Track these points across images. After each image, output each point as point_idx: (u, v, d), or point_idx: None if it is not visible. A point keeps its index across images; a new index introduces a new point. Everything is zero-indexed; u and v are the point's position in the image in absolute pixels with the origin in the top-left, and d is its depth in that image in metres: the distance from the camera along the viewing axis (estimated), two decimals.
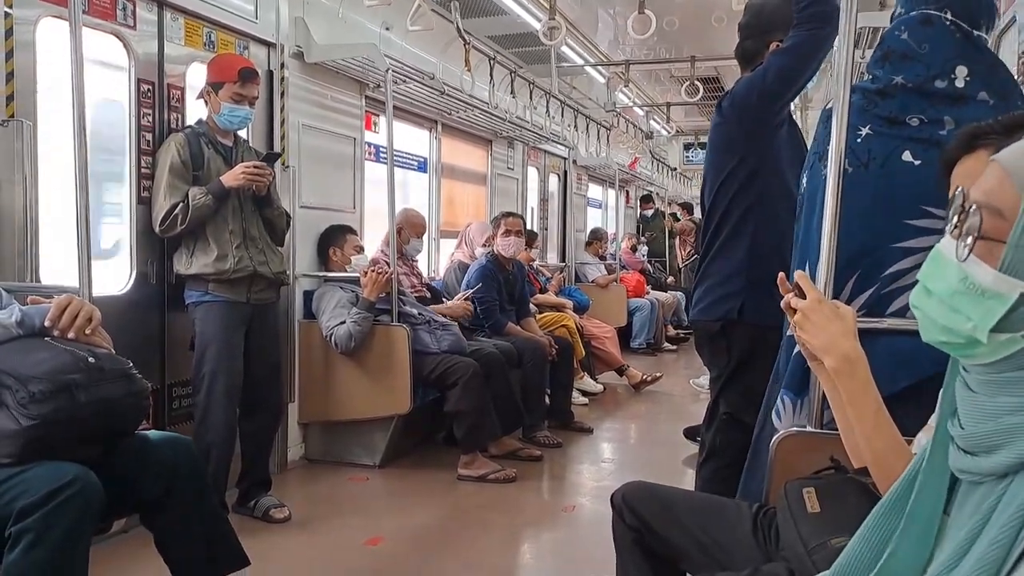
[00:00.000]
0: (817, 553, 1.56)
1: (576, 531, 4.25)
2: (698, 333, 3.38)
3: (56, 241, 3.50)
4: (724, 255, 3.15)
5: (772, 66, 3.01)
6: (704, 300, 3.20)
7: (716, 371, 3.28)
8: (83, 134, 2.91)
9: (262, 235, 4.12)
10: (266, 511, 4.12)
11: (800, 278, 1.70)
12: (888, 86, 2.09)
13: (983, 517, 1.01)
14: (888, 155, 2.05)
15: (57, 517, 2.05)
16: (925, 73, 2.06)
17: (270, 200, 4.13)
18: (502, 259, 6.22)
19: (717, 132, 3.25)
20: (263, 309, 4.18)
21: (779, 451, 2.08)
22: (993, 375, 1.05)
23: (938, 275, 1.10)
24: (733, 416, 3.11)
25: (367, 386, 4.70)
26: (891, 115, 2.07)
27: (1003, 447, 1.01)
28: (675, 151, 16.12)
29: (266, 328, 4.22)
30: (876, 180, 2.06)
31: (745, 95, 3.09)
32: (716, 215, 3.18)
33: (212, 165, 3.97)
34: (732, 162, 3.11)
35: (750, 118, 3.06)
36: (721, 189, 3.15)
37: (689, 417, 6.31)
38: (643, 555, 2.08)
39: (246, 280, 4.01)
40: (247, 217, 4.04)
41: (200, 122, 4.07)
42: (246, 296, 4.04)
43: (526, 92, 8.17)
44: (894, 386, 1.90)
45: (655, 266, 12.55)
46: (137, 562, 3.33)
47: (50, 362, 2.25)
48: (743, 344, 3.10)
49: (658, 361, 9.76)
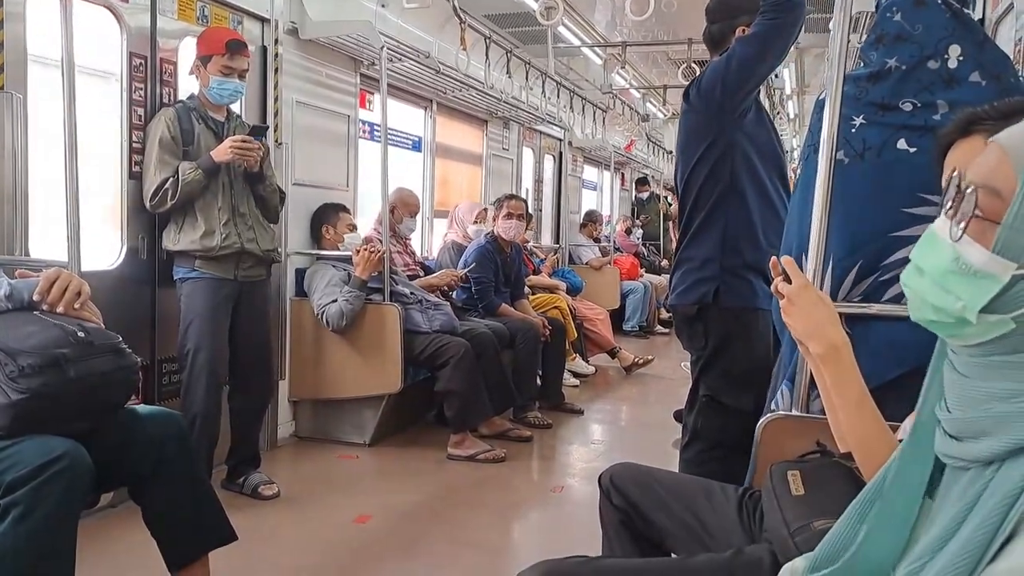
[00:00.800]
0: (800, 535, 1.57)
1: (564, 511, 4.27)
2: (676, 317, 3.44)
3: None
4: (699, 240, 3.20)
5: (735, 54, 3.03)
6: (681, 285, 3.25)
7: (695, 354, 3.32)
8: (73, 107, 2.89)
9: (252, 212, 4.09)
10: (255, 488, 4.12)
11: (787, 263, 1.69)
12: (881, 69, 2.09)
13: (969, 503, 1.01)
14: (883, 144, 2.05)
15: (46, 491, 2.05)
16: (919, 54, 2.05)
17: (262, 176, 4.08)
18: (501, 241, 6.22)
19: (685, 119, 3.30)
20: (251, 287, 4.15)
21: (765, 435, 2.09)
22: (982, 358, 1.05)
23: (931, 254, 1.10)
24: (713, 398, 3.16)
25: (358, 365, 4.70)
26: (883, 100, 2.07)
27: (991, 433, 1.01)
28: (671, 134, 16.04)
29: (254, 306, 4.20)
30: (872, 170, 2.06)
31: (710, 83, 3.11)
32: (689, 201, 3.23)
33: (202, 140, 3.95)
34: (701, 148, 3.14)
35: (716, 105, 3.09)
36: (692, 175, 3.19)
37: (680, 400, 6.25)
38: (629, 536, 2.09)
39: (233, 257, 3.99)
40: (237, 193, 4.01)
41: (192, 97, 4.03)
42: (233, 273, 4.02)
43: (522, 72, 8.15)
44: (887, 375, 1.91)
45: (649, 249, 12.55)
46: (124, 536, 3.34)
47: (39, 336, 2.25)
48: (719, 327, 3.15)
49: (650, 344, 9.78)
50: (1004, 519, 0.93)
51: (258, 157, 3.96)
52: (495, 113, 8.15)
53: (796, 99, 12.17)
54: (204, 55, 3.95)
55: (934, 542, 1.04)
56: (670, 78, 10.61)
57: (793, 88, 11.44)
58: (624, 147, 12.00)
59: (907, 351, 1.87)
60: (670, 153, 15.63)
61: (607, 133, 11.25)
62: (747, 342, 3.08)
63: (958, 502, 1.04)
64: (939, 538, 1.03)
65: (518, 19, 7.55)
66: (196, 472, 2.60)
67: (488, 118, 8.23)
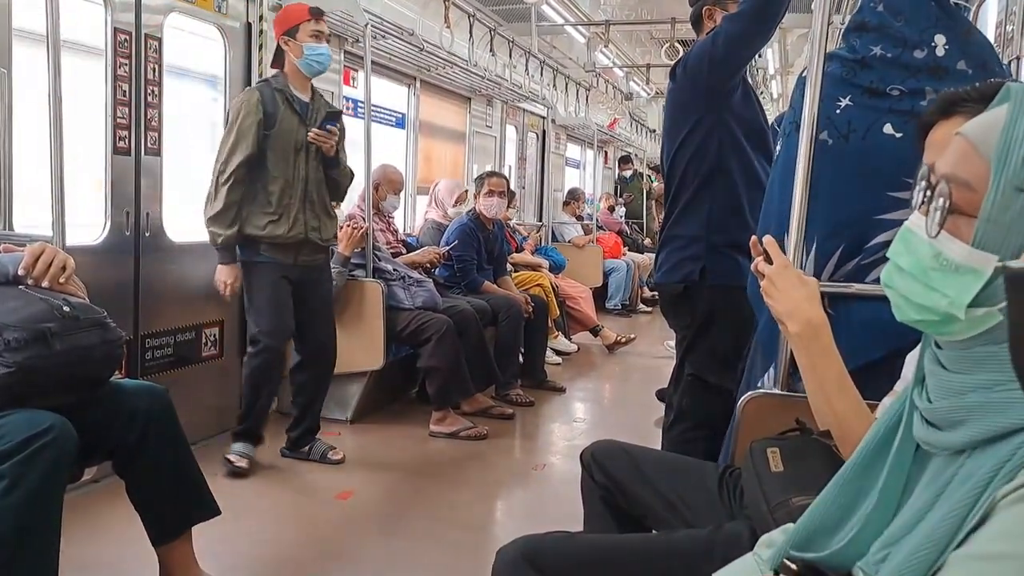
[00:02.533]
0: (779, 511, 1.59)
1: (546, 489, 4.30)
2: (662, 296, 3.45)
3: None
4: (685, 219, 3.21)
5: (722, 32, 3.03)
6: (667, 263, 3.25)
7: (681, 333, 3.33)
8: (58, 82, 2.89)
9: (321, 199, 4.14)
10: (323, 454, 4.33)
11: (768, 243, 1.71)
12: (867, 56, 2.08)
13: (937, 491, 1.02)
14: (869, 127, 2.05)
15: (32, 464, 2.06)
16: (903, 45, 2.05)
17: (337, 160, 4.14)
18: (483, 218, 6.22)
19: (672, 97, 3.31)
20: (311, 271, 4.21)
21: (746, 413, 2.11)
22: (965, 351, 1.05)
23: (909, 253, 1.09)
24: (698, 377, 3.17)
25: (341, 341, 4.69)
26: (872, 85, 2.06)
27: (965, 423, 1.01)
28: (654, 113, 16.07)
29: (316, 288, 4.26)
30: (857, 152, 2.06)
31: (697, 61, 3.11)
32: (675, 179, 3.24)
33: (285, 124, 3.97)
34: (687, 127, 3.15)
35: (702, 84, 3.09)
36: (678, 154, 3.19)
37: (662, 379, 6.33)
38: (610, 512, 2.11)
39: (296, 245, 4.07)
40: (310, 180, 4.06)
41: (277, 76, 4.07)
42: (294, 259, 4.09)
43: (506, 50, 8.13)
44: (869, 355, 1.93)
45: (632, 228, 12.56)
46: (108, 511, 3.35)
47: (25, 310, 2.25)
48: (705, 305, 3.16)
49: (633, 322, 9.81)
50: (972, 507, 0.94)
51: (334, 143, 4.03)
52: (478, 91, 8.14)
53: (779, 79, 12.19)
54: (290, 28, 4.00)
55: (903, 526, 1.05)
56: (653, 57, 10.63)
57: (776, 68, 11.47)
58: (607, 125, 12.01)
59: (888, 332, 1.87)
60: (653, 132, 15.67)
61: (590, 111, 11.25)
62: (733, 321, 3.05)
63: (928, 487, 1.06)
64: (906, 524, 1.05)
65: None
66: (180, 446, 2.61)
67: (472, 95, 8.21)
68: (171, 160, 4.35)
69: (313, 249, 4.17)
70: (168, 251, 4.34)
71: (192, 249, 4.49)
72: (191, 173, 4.53)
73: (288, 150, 3.98)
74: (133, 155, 4.08)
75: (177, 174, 4.42)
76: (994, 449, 0.97)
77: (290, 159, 3.99)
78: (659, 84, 12.57)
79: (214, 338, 4.69)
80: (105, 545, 3.24)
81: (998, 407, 0.98)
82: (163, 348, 4.29)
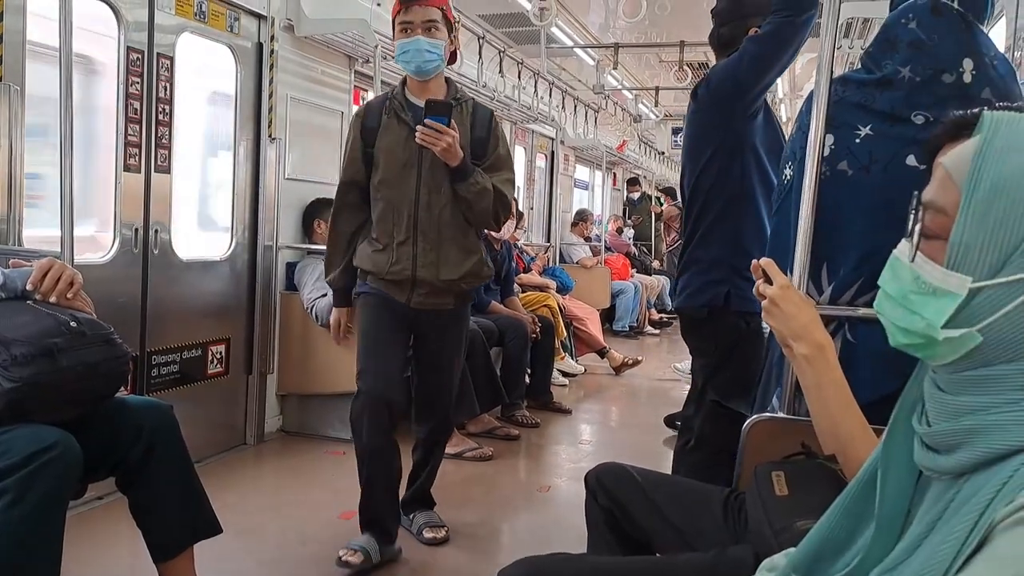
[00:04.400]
0: (782, 535, 1.58)
1: (551, 511, 4.27)
2: (684, 320, 3.35)
3: None
4: (708, 242, 3.13)
5: (747, 53, 2.97)
6: (689, 287, 3.18)
7: (703, 358, 3.28)
8: (70, 100, 2.91)
9: (442, 230, 3.31)
10: (420, 529, 3.71)
11: (767, 265, 1.70)
12: (893, 77, 2.01)
13: (936, 515, 1.03)
14: (891, 159, 1.99)
15: (37, 479, 2.06)
16: (934, 66, 1.97)
17: (463, 171, 3.24)
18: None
19: (694, 119, 3.23)
20: (430, 314, 3.43)
21: (750, 437, 2.09)
22: (954, 375, 1.07)
23: (895, 279, 1.13)
24: (721, 403, 3.10)
25: (347, 359, 4.66)
26: (894, 111, 1.99)
27: (962, 446, 1.02)
28: (663, 135, 16.09)
29: (435, 336, 3.52)
30: (879, 184, 2.00)
31: (720, 82, 3.06)
32: (697, 203, 3.17)
33: (390, 135, 3.33)
34: (709, 150, 3.09)
35: (726, 105, 3.04)
36: (701, 177, 3.13)
37: (669, 402, 6.35)
38: (615, 535, 2.09)
39: (407, 282, 3.34)
40: (427, 202, 3.28)
41: (400, 84, 3.48)
42: (407, 297, 3.37)
43: (515, 71, 8.15)
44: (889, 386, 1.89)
45: (641, 249, 12.56)
46: (110, 528, 3.36)
47: (32, 325, 2.26)
48: (730, 331, 3.10)
49: (640, 345, 9.80)
50: (971, 531, 0.94)
51: (448, 143, 3.12)
52: None
53: (788, 103, 12.20)
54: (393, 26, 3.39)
55: (903, 551, 1.06)
56: (662, 80, 10.64)
57: (785, 92, 11.48)
58: (616, 147, 12.02)
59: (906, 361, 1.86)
60: (662, 154, 15.69)
61: (599, 133, 11.27)
62: (757, 348, 2.97)
63: (928, 512, 1.06)
64: (907, 548, 1.05)
65: (512, 19, 7.56)
66: (184, 463, 2.61)
67: None
68: (180, 177, 4.36)
69: (431, 291, 3.36)
70: (176, 268, 4.36)
71: (200, 267, 4.51)
72: (201, 191, 4.54)
73: (395, 165, 3.30)
74: (143, 173, 4.10)
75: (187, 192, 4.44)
76: (991, 472, 0.97)
77: (399, 176, 3.30)
78: (668, 106, 12.59)
79: (220, 356, 4.69)
80: (107, 562, 3.24)
81: (993, 429, 0.99)
82: (169, 365, 4.29)
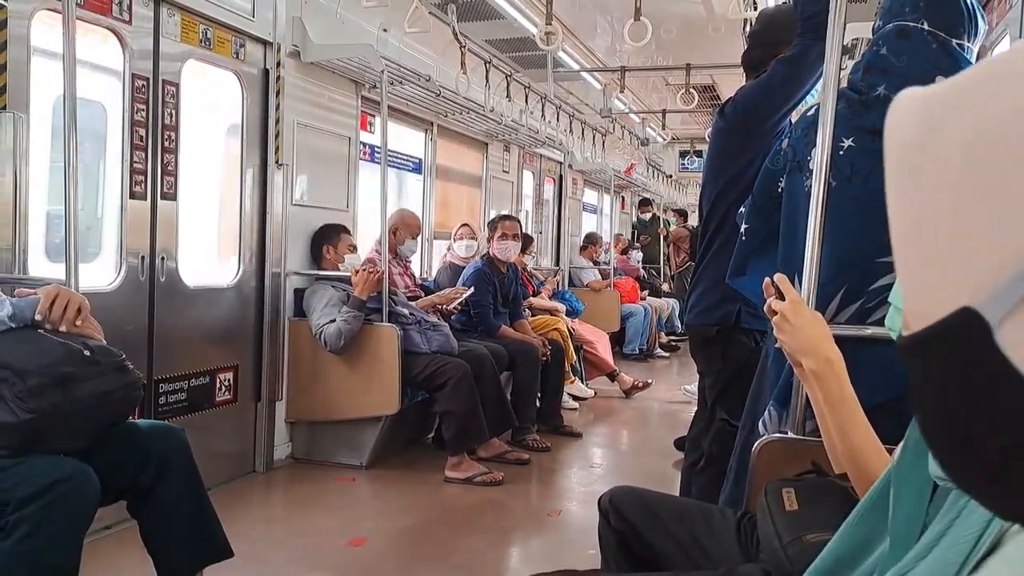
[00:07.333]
0: (792, 548, 1.56)
1: (562, 536, 4.24)
2: (693, 338, 3.37)
3: None
4: (720, 261, 3.10)
5: (776, 74, 3.00)
6: (700, 305, 3.20)
7: (711, 376, 3.28)
8: (74, 128, 2.91)
9: None
10: None
11: (780, 280, 1.70)
12: (871, 97, 2.07)
13: (948, 523, 1.02)
14: (871, 170, 2.03)
15: (54, 510, 2.07)
16: (905, 84, 2.01)
17: None
18: (497, 262, 6.24)
19: (718, 138, 3.24)
20: None
21: (761, 457, 2.09)
22: None
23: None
24: (731, 423, 3.09)
25: (356, 386, 4.69)
26: (875, 127, 2.02)
27: None
28: (671, 158, 16.14)
29: None
30: (859, 195, 2.04)
31: (748, 101, 3.08)
32: (714, 220, 3.18)
33: None
34: (734, 168, 3.09)
35: (753, 125, 3.05)
36: (722, 194, 3.13)
37: (679, 424, 6.31)
38: (628, 558, 2.08)
39: None
40: None
41: None
42: None
43: (522, 96, 8.18)
44: (877, 398, 1.89)
45: (650, 272, 12.54)
46: (120, 555, 3.34)
47: (46, 355, 2.28)
48: (740, 350, 3.10)
49: (650, 367, 9.76)
50: (981, 536, 0.93)
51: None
52: (495, 136, 8.17)
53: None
54: None
55: (914, 557, 1.04)
56: (669, 103, 10.66)
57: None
58: (624, 171, 12.03)
59: (898, 375, 1.85)
60: (669, 177, 15.70)
61: (607, 156, 11.29)
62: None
63: (941, 521, 1.04)
64: (918, 554, 1.04)
65: (518, 44, 7.58)
66: (195, 487, 2.61)
67: (489, 140, 8.25)
68: (187, 204, 4.36)
69: None
70: (183, 296, 4.34)
71: (207, 294, 4.50)
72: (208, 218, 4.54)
73: None
74: (149, 200, 4.09)
75: (193, 219, 4.44)
76: None
77: None
78: (675, 129, 12.60)
79: (228, 383, 4.68)
80: None
81: None
82: (176, 393, 4.28)
